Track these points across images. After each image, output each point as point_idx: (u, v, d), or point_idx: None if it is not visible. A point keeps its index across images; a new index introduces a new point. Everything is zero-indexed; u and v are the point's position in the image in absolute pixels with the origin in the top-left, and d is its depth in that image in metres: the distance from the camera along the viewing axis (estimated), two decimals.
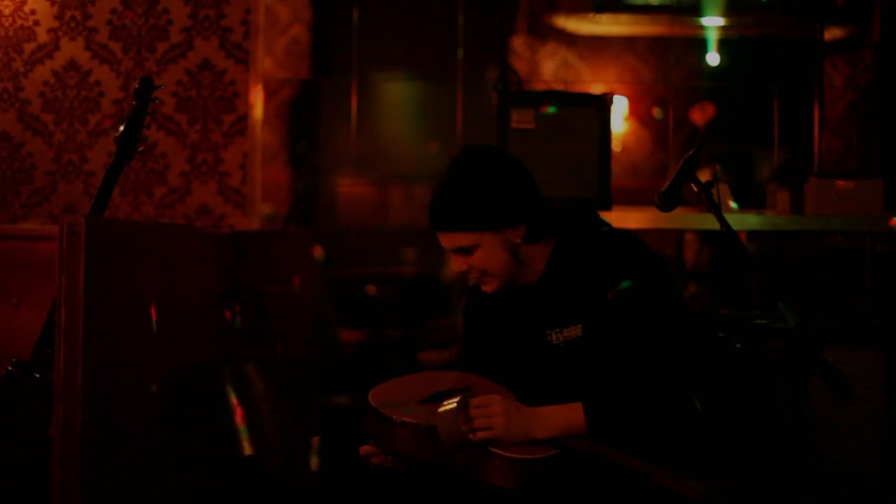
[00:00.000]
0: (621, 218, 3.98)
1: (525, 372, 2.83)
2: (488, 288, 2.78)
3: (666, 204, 2.73)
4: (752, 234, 6.15)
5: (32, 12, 4.76)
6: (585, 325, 2.72)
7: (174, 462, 2.97)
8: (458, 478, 2.69)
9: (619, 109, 6.85)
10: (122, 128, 3.19)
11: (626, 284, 2.71)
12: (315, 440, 5.12)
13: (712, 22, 6.73)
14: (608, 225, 2.88)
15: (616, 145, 6.72)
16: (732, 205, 4.69)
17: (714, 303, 6.00)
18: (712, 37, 6.78)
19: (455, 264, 2.75)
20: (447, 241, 2.73)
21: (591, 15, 6.86)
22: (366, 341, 6.23)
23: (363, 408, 2.61)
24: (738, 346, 3.31)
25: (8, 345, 3.62)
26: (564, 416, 2.62)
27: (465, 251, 2.72)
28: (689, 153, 2.69)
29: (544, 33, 7.04)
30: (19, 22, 4.76)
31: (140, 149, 3.22)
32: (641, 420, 2.58)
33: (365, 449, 2.64)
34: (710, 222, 3.70)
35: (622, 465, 2.46)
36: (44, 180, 4.71)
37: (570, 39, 7.00)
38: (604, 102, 4.09)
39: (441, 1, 6.44)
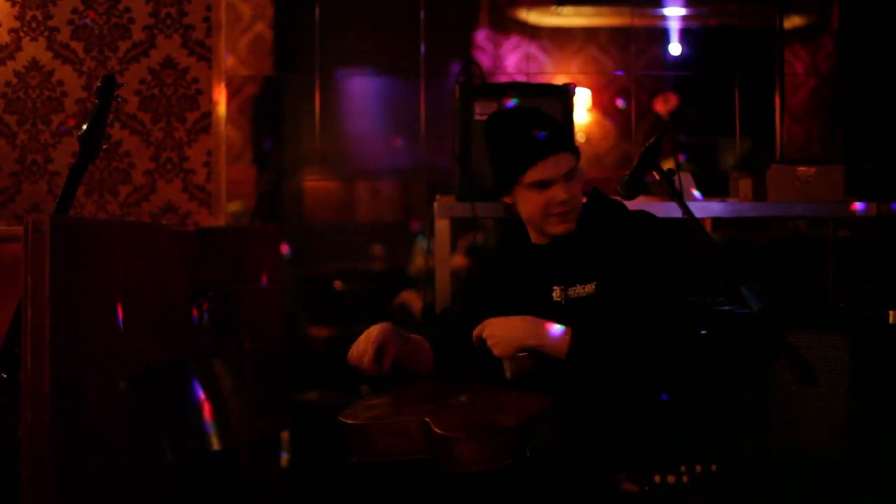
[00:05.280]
0: None
1: None
2: (570, 225, 2.82)
3: (628, 192, 2.76)
4: (717, 222, 6.20)
5: None
6: (600, 282, 2.78)
7: (144, 459, 2.97)
8: (425, 471, 2.71)
9: (583, 100, 6.88)
10: (84, 126, 3.19)
11: (647, 241, 2.79)
12: (285, 436, 5.12)
13: (673, 12, 6.79)
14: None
15: (580, 136, 6.77)
16: (696, 193, 4.73)
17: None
18: (674, 27, 6.82)
19: (562, 192, 2.78)
20: (558, 164, 2.78)
21: (553, 7, 6.90)
22: (334, 337, 6.23)
23: None
24: (702, 332, 3.34)
25: None
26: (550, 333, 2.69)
27: (568, 177, 2.78)
28: (650, 141, 2.73)
29: (507, 26, 7.06)
30: None
31: (104, 147, 3.22)
32: (618, 353, 2.66)
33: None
34: (673, 210, 3.73)
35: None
36: (7, 181, 4.69)
37: (533, 32, 7.03)
38: (566, 93, 4.09)
39: None
